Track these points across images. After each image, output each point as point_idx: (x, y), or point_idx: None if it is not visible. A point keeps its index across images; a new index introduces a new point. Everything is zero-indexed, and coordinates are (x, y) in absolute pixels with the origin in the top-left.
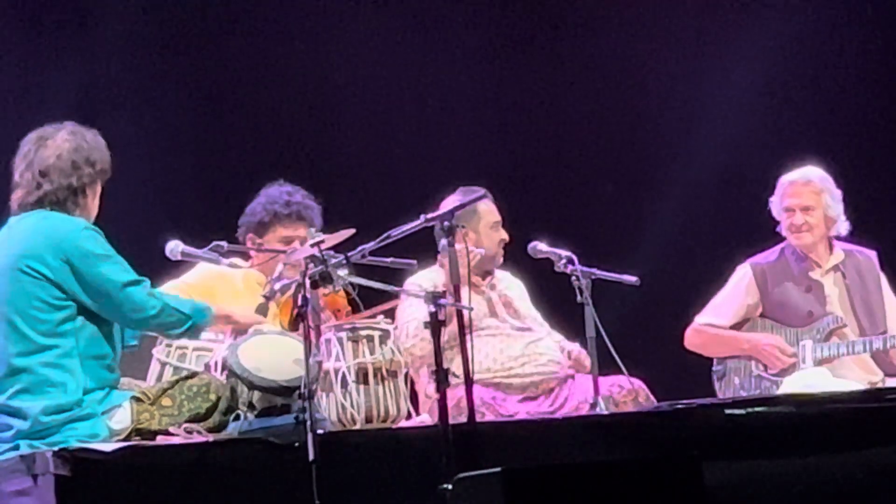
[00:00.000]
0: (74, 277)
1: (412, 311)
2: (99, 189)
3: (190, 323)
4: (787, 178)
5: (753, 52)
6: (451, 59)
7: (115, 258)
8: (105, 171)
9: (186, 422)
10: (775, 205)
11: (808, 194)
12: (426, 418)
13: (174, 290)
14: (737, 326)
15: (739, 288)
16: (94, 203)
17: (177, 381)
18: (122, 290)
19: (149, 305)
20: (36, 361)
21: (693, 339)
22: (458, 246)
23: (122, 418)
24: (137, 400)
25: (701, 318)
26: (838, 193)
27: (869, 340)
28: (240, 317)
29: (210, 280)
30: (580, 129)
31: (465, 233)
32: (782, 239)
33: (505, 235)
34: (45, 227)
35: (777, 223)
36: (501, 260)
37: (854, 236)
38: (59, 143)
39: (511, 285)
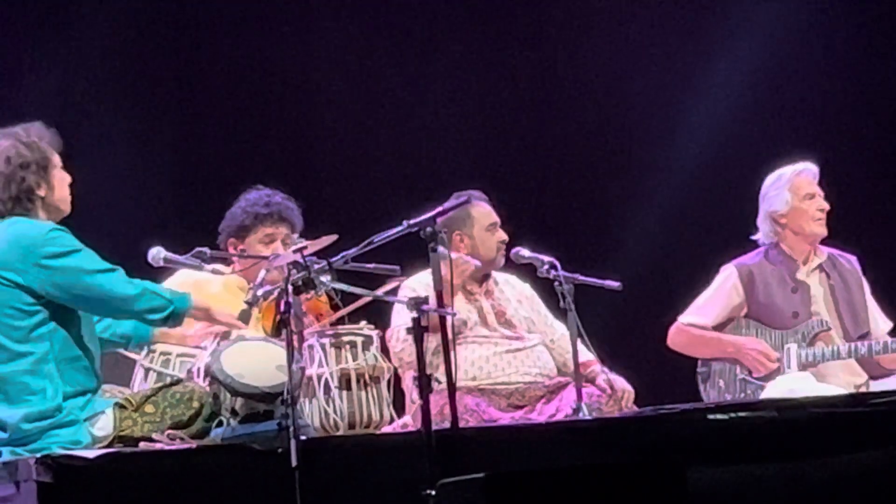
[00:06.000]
0: (49, 278)
1: (403, 316)
2: (55, 173)
3: (172, 308)
4: (792, 169)
5: (735, 58)
6: (436, 63)
7: (85, 250)
8: (45, 160)
9: (169, 429)
10: (776, 199)
11: (816, 185)
12: (409, 421)
13: None
14: (720, 327)
15: (724, 288)
16: (54, 192)
17: (160, 388)
18: (97, 277)
19: (128, 288)
20: (12, 369)
21: (676, 338)
22: (453, 255)
23: (104, 425)
24: (120, 407)
25: (684, 318)
26: None
27: (854, 346)
28: (216, 312)
29: (184, 289)
30: (563, 134)
31: (459, 237)
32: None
33: (503, 236)
34: (12, 234)
35: (751, 231)
36: (503, 261)
37: (833, 240)
38: None
39: (514, 291)
